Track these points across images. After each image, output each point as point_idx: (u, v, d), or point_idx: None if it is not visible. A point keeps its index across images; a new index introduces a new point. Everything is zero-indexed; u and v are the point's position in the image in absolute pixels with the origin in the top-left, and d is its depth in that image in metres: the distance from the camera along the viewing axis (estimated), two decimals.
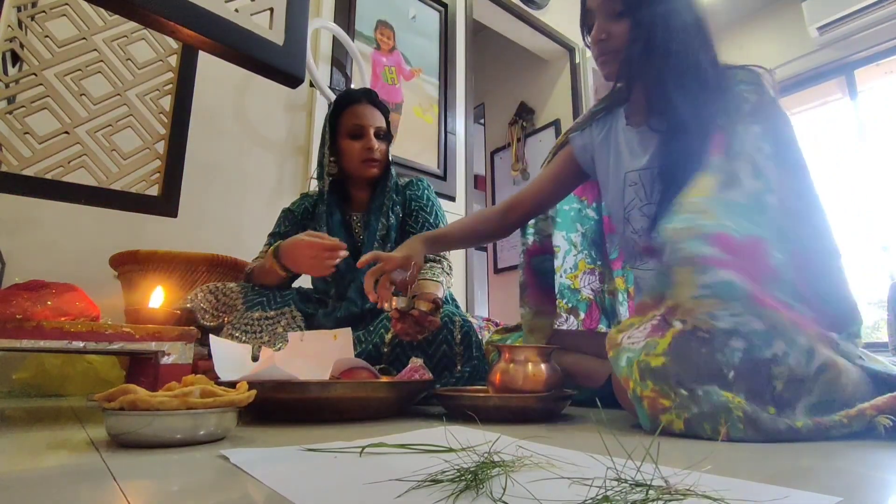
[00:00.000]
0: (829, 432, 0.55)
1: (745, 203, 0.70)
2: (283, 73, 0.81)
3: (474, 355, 1.00)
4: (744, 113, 0.77)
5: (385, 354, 1.00)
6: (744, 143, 0.74)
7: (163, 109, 1.22)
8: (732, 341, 0.58)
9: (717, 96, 0.81)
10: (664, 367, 0.58)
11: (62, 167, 1.06)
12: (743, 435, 0.54)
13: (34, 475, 0.39)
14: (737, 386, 0.57)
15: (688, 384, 0.56)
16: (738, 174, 0.72)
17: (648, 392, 0.58)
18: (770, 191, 0.71)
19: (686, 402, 0.56)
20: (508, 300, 3.34)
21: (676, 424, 0.56)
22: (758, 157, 0.73)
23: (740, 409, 0.54)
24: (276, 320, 1.10)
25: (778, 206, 0.70)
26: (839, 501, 0.29)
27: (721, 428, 0.54)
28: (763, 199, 0.70)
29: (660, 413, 0.57)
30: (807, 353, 0.59)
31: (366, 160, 1.21)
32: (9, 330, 0.64)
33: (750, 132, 0.75)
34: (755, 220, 0.68)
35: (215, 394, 0.53)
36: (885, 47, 3.07)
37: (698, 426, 0.55)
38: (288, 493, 0.31)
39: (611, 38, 0.86)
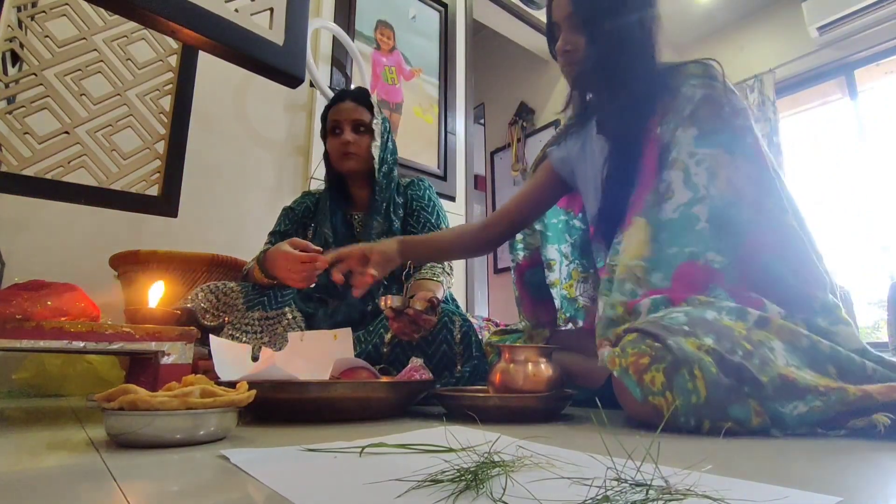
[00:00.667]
0: (800, 395, 0.57)
1: (675, 219, 0.75)
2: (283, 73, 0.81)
3: (474, 355, 1.00)
4: (684, 116, 0.81)
5: (385, 354, 1.00)
6: (680, 149, 0.79)
7: (163, 109, 1.22)
8: (671, 315, 0.65)
9: (656, 100, 0.85)
10: (639, 333, 0.63)
11: (62, 167, 1.06)
12: (716, 378, 0.57)
13: (34, 475, 0.39)
14: (700, 331, 0.61)
15: (660, 338, 0.60)
16: (672, 186, 0.77)
17: (630, 359, 0.61)
18: (697, 201, 0.75)
19: (661, 352, 0.59)
20: (508, 300, 3.34)
21: (658, 379, 0.59)
22: (690, 164, 0.77)
23: (708, 354, 0.58)
24: (277, 320, 1.10)
25: (707, 214, 0.74)
26: (839, 501, 0.29)
27: (697, 373, 0.57)
28: (691, 211, 0.75)
29: (643, 373, 0.60)
30: (737, 311, 0.65)
31: (343, 154, 1.22)
32: (9, 330, 0.64)
33: (687, 136, 0.79)
34: (683, 241, 0.74)
35: (215, 394, 0.53)
36: (885, 47, 3.06)
37: (678, 375, 0.58)
38: (288, 493, 0.31)
39: (576, 50, 0.89)
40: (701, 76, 0.83)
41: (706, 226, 0.74)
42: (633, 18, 0.86)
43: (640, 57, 0.86)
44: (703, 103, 0.80)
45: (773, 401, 0.57)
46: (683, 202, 0.76)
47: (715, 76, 0.82)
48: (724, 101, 0.80)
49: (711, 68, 0.83)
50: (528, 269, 1.16)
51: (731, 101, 0.81)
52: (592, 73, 0.89)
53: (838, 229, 3.15)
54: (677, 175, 0.78)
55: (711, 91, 0.81)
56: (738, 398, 0.57)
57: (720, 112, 0.80)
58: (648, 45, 0.87)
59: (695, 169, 0.77)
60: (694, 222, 0.75)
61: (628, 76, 0.86)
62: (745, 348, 0.59)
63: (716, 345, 0.59)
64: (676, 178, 0.77)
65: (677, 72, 0.86)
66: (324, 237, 1.22)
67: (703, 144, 0.78)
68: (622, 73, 0.86)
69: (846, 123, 3.22)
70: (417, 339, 0.98)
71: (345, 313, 1.14)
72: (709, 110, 0.80)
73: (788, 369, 0.59)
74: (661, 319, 0.64)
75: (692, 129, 0.79)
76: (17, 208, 1.33)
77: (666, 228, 0.76)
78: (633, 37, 0.86)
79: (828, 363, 0.62)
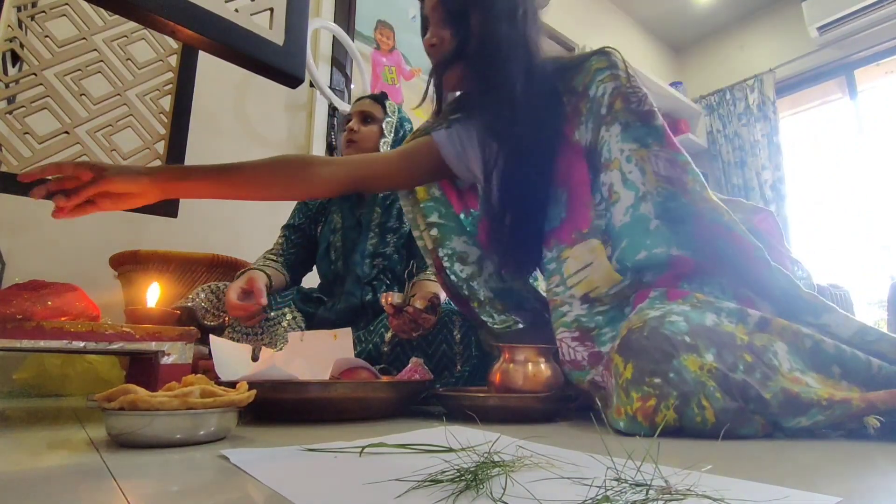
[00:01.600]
0: (804, 411, 0.55)
1: (628, 223, 0.72)
2: (283, 73, 0.81)
3: (474, 354, 1.00)
4: (602, 114, 0.77)
5: (385, 354, 1.01)
6: (610, 148, 0.75)
7: (163, 109, 1.22)
8: (671, 317, 0.61)
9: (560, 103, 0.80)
10: (633, 374, 0.59)
11: None
12: (723, 404, 0.55)
13: (34, 475, 0.39)
14: (701, 345, 0.58)
15: (658, 372, 0.57)
16: (614, 187, 0.74)
17: (636, 404, 0.58)
18: (641, 199, 0.72)
19: (664, 389, 0.56)
20: None
21: (671, 417, 0.56)
22: (622, 161, 0.74)
23: (710, 377, 0.56)
24: (277, 321, 1.10)
25: (653, 210, 0.72)
26: (839, 501, 0.29)
27: (705, 403, 0.55)
28: (639, 212, 0.72)
29: (654, 416, 0.57)
30: (737, 313, 0.63)
31: (347, 141, 1.26)
32: (9, 330, 0.64)
33: (612, 133, 0.75)
34: (647, 244, 0.71)
35: (215, 394, 0.53)
36: (885, 47, 3.06)
37: (688, 409, 0.56)
38: (288, 493, 0.31)
39: (442, 44, 0.84)
40: (606, 69, 0.78)
41: (658, 223, 0.71)
42: (501, 11, 0.81)
43: (511, 53, 0.80)
44: (615, 97, 0.76)
45: (777, 417, 0.56)
46: (630, 204, 0.73)
47: (617, 65, 0.78)
48: (630, 92, 0.76)
49: (613, 57, 0.79)
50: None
51: (635, 89, 0.76)
52: (459, 68, 0.83)
53: (838, 229, 3.15)
54: (616, 175, 0.74)
55: (617, 83, 0.77)
56: (746, 419, 0.56)
57: (629, 105, 0.76)
58: (520, 40, 0.81)
59: (627, 167, 0.74)
60: (646, 222, 0.72)
61: (503, 74, 0.79)
62: (747, 361, 0.58)
63: (717, 362, 0.57)
64: (616, 178, 0.74)
65: (580, 69, 0.80)
66: (333, 224, 1.26)
67: (627, 139, 0.75)
68: (495, 70, 0.80)
69: (846, 123, 3.22)
70: (416, 338, 0.98)
71: (345, 303, 1.15)
72: (621, 104, 0.76)
73: (793, 376, 0.58)
74: (661, 326, 0.60)
75: (615, 126, 0.75)
76: (17, 208, 1.33)
77: (624, 235, 0.73)
78: (500, 30, 0.80)
79: (832, 364, 0.61)
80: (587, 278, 0.75)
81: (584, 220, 0.77)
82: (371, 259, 1.20)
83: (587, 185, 0.77)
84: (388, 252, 1.21)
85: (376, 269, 1.20)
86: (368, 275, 1.19)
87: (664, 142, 0.74)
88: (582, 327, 0.75)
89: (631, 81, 0.77)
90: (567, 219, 0.79)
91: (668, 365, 0.57)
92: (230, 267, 1.35)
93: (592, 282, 0.75)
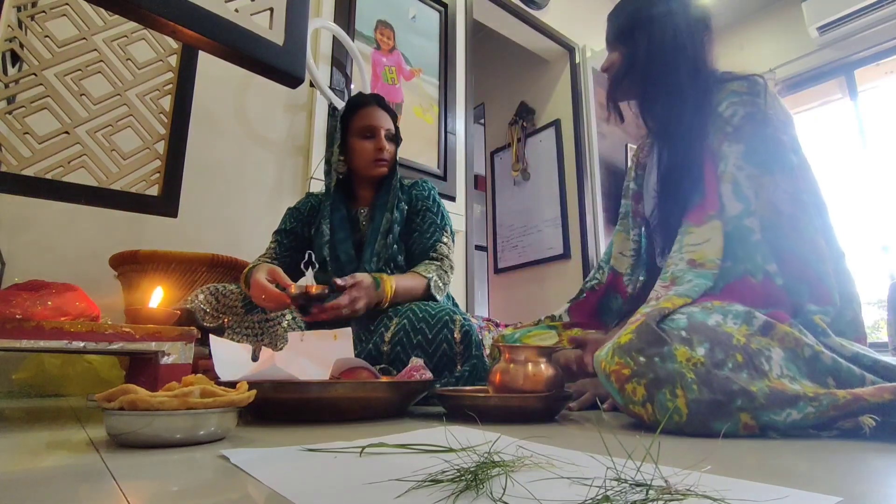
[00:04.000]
0: (792, 402, 0.57)
1: (729, 232, 0.77)
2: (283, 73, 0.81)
3: (473, 354, 1.00)
4: (727, 132, 0.83)
5: (385, 353, 1.00)
6: (727, 163, 0.82)
7: (163, 109, 1.22)
8: (674, 315, 0.66)
9: (701, 112, 0.87)
10: (629, 341, 0.63)
11: (62, 167, 1.06)
12: (698, 395, 0.57)
13: (34, 475, 0.39)
14: (695, 339, 0.61)
15: (646, 352, 0.61)
16: (723, 199, 0.80)
17: (614, 366, 0.63)
18: (749, 213, 0.78)
19: (643, 368, 0.60)
20: (508, 300, 3.34)
21: (639, 392, 0.60)
22: (739, 177, 0.80)
23: (692, 370, 0.58)
24: (277, 321, 1.10)
25: (759, 226, 0.77)
26: (839, 501, 0.29)
27: (679, 392, 0.58)
28: (742, 223, 0.77)
29: (624, 383, 0.61)
30: (744, 315, 0.65)
31: (376, 160, 1.25)
32: (9, 330, 0.64)
33: (734, 151, 0.82)
34: (737, 256, 0.75)
35: (215, 394, 0.53)
36: (885, 47, 3.06)
37: (660, 393, 0.58)
38: (288, 493, 0.31)
39: (612, 67, 0.98)
40: (743, 93, 0.85)
41: (761, 237, 0.76)
42: (662, 28, 0.92)
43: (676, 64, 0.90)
44: (746, 122, 0.83)
45: (766, 409, 0.57)
46: (735, 214, 0.78)
47: (758, 93, 0.84)
48: (767, 120, 0.83)
49: (755, 84, 0.85)
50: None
51: (774, 117, 0.83)
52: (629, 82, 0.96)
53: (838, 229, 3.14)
54: (726, 188, 0.80)
55: (753, 109, 0.83)
56: (723, 414, 0.57)
57: (763, 131, 0.82)
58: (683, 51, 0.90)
59: (745, 182, 0.79)
60: (748, 234, 0.76)
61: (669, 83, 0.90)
62: (737, 360, 0.60)
63: (706, 357, 0.59)
64: (726, 190, 0.80)
65: (722, 87, 0.88)
66: (324, 233, 1.24)
67: (750, 161, 0.81)
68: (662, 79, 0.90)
69: (846, 123, 3.21)
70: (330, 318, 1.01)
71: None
72: (751, 129, 0.82)
73: (780, 382, 0.59)
74: (661, 320, 0.64)
75: (738, 146, 0.82)
76: (17, 208, 1.33)
77: (725, 247, 0.77)
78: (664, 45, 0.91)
79: (828, 375, 0.62)
80: (700, 250, 0.79)
81: (713, 206, 0.82)
82: (377, 258, 1.21)
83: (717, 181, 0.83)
84: (390, 242, 1.23)
85: (381, 261, 1.21)
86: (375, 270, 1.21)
87: (792, 174, 0.80)
88: (674, 277, 0.78)
89: (772, 109, 0.84)
90: (700, 204, 0.84)
91: (659, 349, 0.61)
92: (230, 267, 1.35)
93: (705, 254, 0.78)
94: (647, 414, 0.60)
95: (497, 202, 3.55)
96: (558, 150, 3.18)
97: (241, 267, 1.35)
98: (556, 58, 3.30)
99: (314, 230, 1.29)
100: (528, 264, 3.21)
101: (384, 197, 1.26)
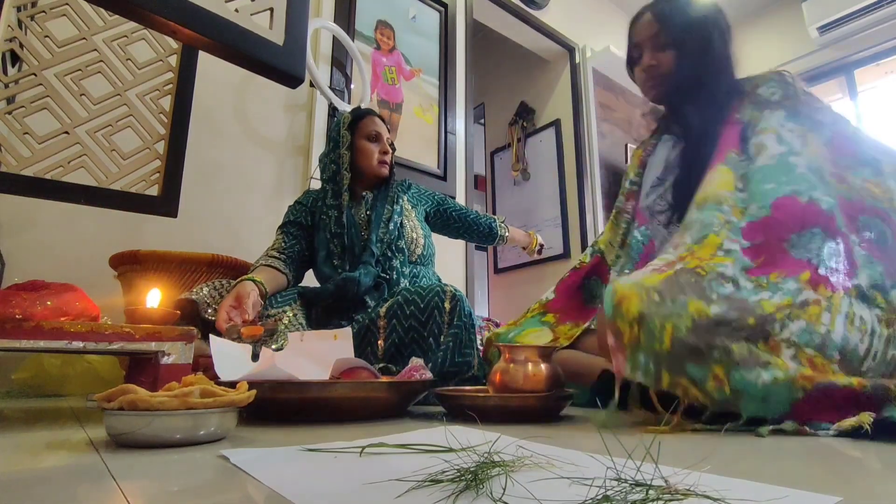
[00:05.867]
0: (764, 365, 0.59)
1: (772, 164, 0.79)
2: (283, 73, 0.81)
3: (456, 324, 1.02)
4: (769, 101, 0.90)
5: (381, 328, 1.06)
6: (768, 122, 0.86)
7: (163, 109, 1.22)
8: (722, 280, 0.65)
9: (733, 98, 0.93)
10: (652, 283, 0.64)
11: (62, 167, 1.06)
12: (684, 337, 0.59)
13: (34, 475, 0.39)
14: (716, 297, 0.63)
15: (662, 293, 0.62)
16: (765, 143, 0.83)
17: (624, 290, 0.63)
18: (793, 153, 0.80)
19: (649, 301, 0.61)
20: (508, 300, 3.34)
21: (633, 309, 0.61)
22: (782, 131, 0.84)
23: (691, 319, 0.60)
24: (277, 319, 1.10)
25: (805, 164, 0.78)
26: (839, 501, 0.29)
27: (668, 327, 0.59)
28: (787, 160, 0.79)
29: (623, 301, 0.62)
30: (793, 292, 0.65)
31: (381, 161, 1.36)
32: (8, 330, 0.64)
33: (775, 115, 0.87)
34: (782, 179, 0.77)
35: (215, 394, 0.53)
36: (885, 47, 3.06)
37: (651, 322, 0.60)
38: (288, 493, 0.31)
39: (660, 65, 1.01)
40: (777, 81, 0.93)
41: (807, 172, 0.77)
42: (716, 34, 0.98)
43: (723, 69, 0.97)
44: (785, 98, 0.89)
45: (739, 368, 0.59)
46: (778, 153, 0.80)
47: (791, 83, 0.92)
48: (804, 100, 0.89)
49: (786, 74, 0.94)
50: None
51: (810, 100, 0.89)
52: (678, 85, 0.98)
53: None
54: (769, 137, 0.83)
55: (789, 91, 0.90)
56: (699, 361, 0.59)
57: (800, 107, 0.88)
58: (726, 55, 0.99)
59: (786, 135, 0.83)
60: (792, 168, 0.78)
61: (713, 86, 0.95)
62: (747, 322, 0.61)
63: (716, 314, 0.61)
64: (769, 139, 0.83)
65: (754, 77, 0.96)
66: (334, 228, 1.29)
67: (790, 120, 0.85)
68: (706, 83, 0.96)
69: None
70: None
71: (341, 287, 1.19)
72: (790, 103, 0.88)
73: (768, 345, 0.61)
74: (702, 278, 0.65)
75: (779, 111, 0.87)
76: (17, 208, 1.33)
77: (759, 172, 0.79)
78: (713, 49, 0.97)
79: (836, 350, 0.64)
80: (702, 191, 0.82)
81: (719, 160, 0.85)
82: (381, 243, 1.28)
83: (736, 141, 0.88)
84: (392, 229, 1.29)
85: (384, 245, 1.28)
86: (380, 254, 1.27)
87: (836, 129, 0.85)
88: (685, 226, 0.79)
89: (805, 95, 0.91)
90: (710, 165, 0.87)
91: (676, 295, 0.62)
92: (230, 267, 1.35)
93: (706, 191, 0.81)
94: (630, 333, 0.60)
95: (497, 202, 3.55)
96: (558, 149, 3.18)
97: (241, 267, 1.35)
98: (556, 58, 3.30)
99: (317, 223, 1.34)
100: (527, 264, 3.21)
101: (385, 191, 1.36)
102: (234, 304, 1.03)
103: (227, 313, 1.01)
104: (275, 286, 1.17)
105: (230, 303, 1.03)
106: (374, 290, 1.22)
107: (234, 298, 1.04)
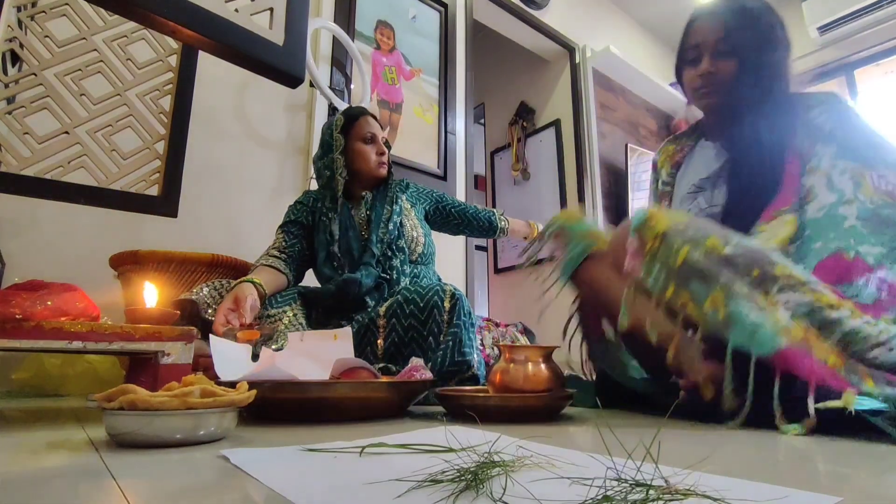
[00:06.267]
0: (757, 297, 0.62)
1: (819, 218, 0.79)
2: (283, 73, 0.81)
3: (455, 323, 1.02)
4: (819, 136, 0.87)
5: (381, 327, 1.06)
6: (820, 160, 0.84)
7: (163, 109, 1.22)
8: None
9: (788, 121, 0.91)
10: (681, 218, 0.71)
11: (62, 167, 1.06)
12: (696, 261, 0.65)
13: (34, 475, 0.39)
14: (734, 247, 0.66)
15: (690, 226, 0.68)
16: (815, 189, 0.82)
17: (656, 213, 0.70)
18: (844, 203, 0.79)
19: (677, 228, 0.67)
20: (508, 300, 3.34)
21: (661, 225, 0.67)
22: (832, 173, 0.82)
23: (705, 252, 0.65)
24: (277, 319, 1.10)
25: (857, 213, 0.77)
26: (839, 501, 0.29)
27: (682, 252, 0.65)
28: (836, 211, 0.78)
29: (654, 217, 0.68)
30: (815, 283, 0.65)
31: (379, 163, 1.36)
32: (8, 330, 0.64)
33: (827, 150, 0.85)
34: (829, 237, 0.77)
35: (215, 394, 0.53)
36: (885, 47, 3.06)
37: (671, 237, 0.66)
38: (288, 493, 0.31)
39: (718, 73, 0.96)
40: (828, 104, 0.90)
41: (856, 223, 0.76)
42: (782, 49, 0.96)
43: (783, 88, 0.95)
44: (838, 126, 0.86)
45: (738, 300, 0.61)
46: (828, 203, 0.80)
47: (844, 105, 0.90)
48: (857, 124, 0.86)
49: (836, 96, 0.91)
50: None
51: (856, 121, 0.87)
52: (738, 98, 0.95)
53: None
54: (818, 180, 0.82)
55: (842, 115, 0.88)
56: (704, 282, 0.64)
57: (854, 133, 0.85)
58: (785, 66, 0.96)
59: (837, 178, 0.81)
60: (840, 221, 0.77)
61: (771, 104, 0.93)
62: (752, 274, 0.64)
63: (726, 254, 0.65)
64: (818, 182, 0.82)
65: (805, 98, 0.93)
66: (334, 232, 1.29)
67: (844, 157, 0.82)
68: (765, 100, 0.93)
69: None
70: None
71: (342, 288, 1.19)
72: (844, 132, 0.85)
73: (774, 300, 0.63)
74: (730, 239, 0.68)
75: (832, 146, 0.85)
76: (17, 208, 1.33)
77: (809, 227, 0.80)
78: (781, 66, 0.95)
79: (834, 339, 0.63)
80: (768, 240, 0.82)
81: (785, 202, 0.85)
82: (381, 243, 1.28)
83: (796, 182, 0.86)
84: (391, 229, 1.30)
85: (384, 245, 1.28)
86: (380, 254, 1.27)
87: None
88: None
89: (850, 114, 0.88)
90: (773, 203, 0.86)
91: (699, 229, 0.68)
92: (230, 267, 1.35)
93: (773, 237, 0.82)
94: (652, 245, 0.67)
95: (497, 202, 3.55)
96: (558, 149, 3.18)
97: (241, 267, 1.35)
98: (556, 58, 3.30)
99: (317, 223, 1.34)
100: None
101: (384, 191, 1.36)
102: (231, 307, 1.03)
103: (224, 316, 1.01)
104: (275, 286, 1.17)
105: (228, 305, 1.03)
106: (374, 290, 1.22)
107: (231, 301, 1.03)
